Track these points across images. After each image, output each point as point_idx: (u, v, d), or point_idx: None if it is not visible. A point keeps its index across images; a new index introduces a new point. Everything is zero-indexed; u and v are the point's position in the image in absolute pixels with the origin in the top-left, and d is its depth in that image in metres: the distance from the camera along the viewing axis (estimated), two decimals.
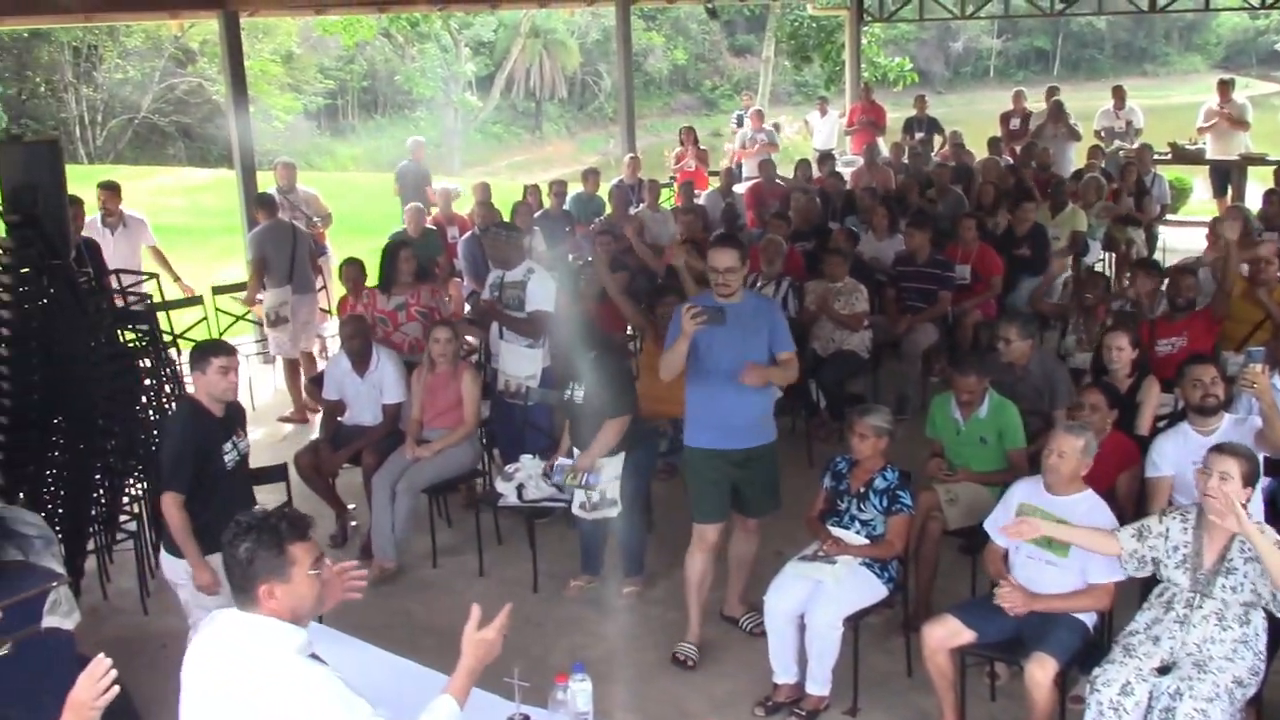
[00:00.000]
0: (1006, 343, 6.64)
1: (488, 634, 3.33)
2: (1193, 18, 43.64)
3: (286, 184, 10.83)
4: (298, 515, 3.20)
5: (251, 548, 3.05)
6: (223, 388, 5.10)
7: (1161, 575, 4.58)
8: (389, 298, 8.03)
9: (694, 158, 14.57)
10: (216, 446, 5.10)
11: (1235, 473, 4.36)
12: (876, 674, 5.49)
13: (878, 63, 21.10)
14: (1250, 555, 4.35)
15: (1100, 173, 12.02)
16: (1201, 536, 4.49)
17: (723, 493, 5.66)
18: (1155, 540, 4.58)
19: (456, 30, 33.86)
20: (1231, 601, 4.38)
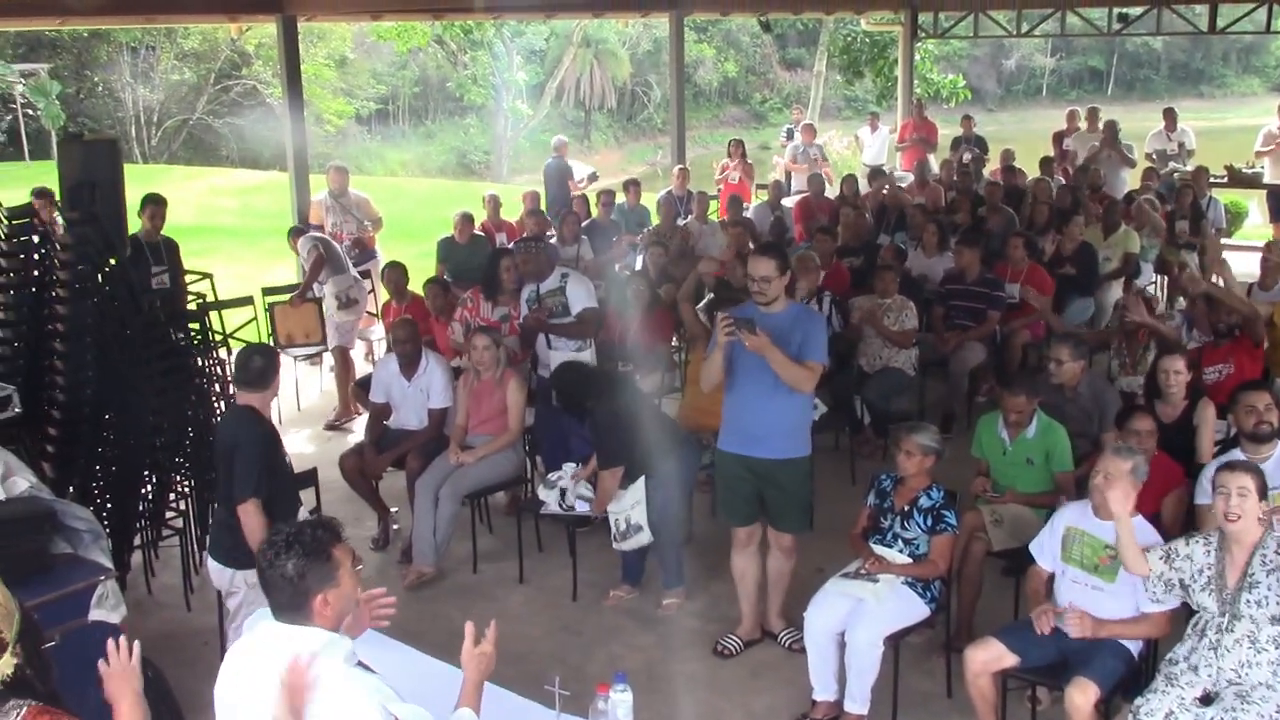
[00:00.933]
0: (1058, 364, 6.58)
1: (485, 648, 3.36)
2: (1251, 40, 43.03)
3: (339, 188, 10.94)
4: (328, 519, 3.25)
5: (301, 563, 3.05)
6: (275, 394, 5.28)
7: (1191, 601, 4.54)
8: (494, 306, 7.94)
9: (740, 170, 14.56)
10: (280, 451, 5.19)
11: (1252, 487, 4.36)
12: (916, 694, 5.45)
13: (930, 79, 21.01)
14: (1271, 567, 4.32)
15: (1155, 195, 11.90)
16: (1224, 558, 4.44)
17: (746, 498, 5.68)
18: (1182, 563, 4.53)
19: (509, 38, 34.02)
20: (1260, 619, 4.32)
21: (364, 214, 10.98)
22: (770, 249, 5.68)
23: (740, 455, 5.60)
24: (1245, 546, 4.40)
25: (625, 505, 6.18)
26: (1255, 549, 4.38)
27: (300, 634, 3.06)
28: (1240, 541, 4.41)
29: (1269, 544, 4.38)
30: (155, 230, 9.37)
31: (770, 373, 5.32)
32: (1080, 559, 4.88)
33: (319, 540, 3.09)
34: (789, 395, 5.41)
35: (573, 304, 7.46)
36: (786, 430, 5.53)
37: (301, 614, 3.06)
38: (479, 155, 36.04)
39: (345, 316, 9.60)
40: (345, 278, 9.67)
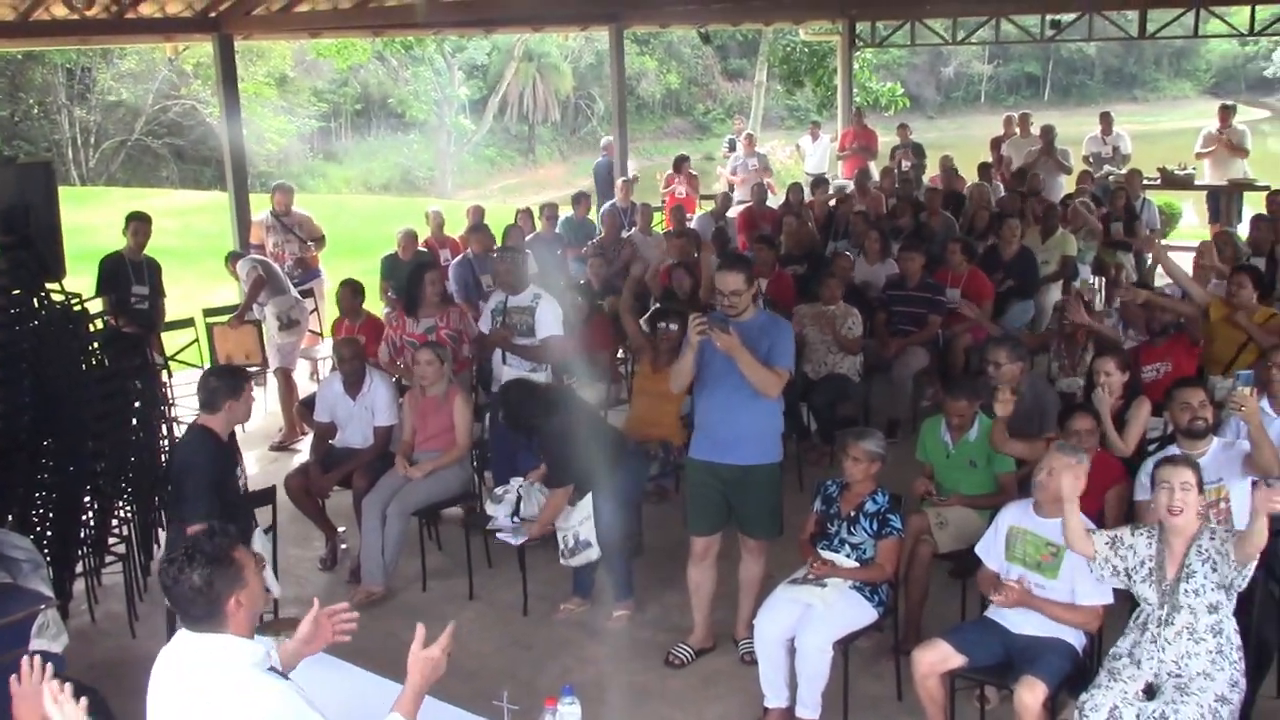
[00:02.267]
0: (996, 367, 6.63)
1: (432, 652, 3.36)
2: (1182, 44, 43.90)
3: (283, 208, 10.84)
4: (218, 525, 3.32)
5: (207, 571, 3.09)
6: (246, 411, 5.37)
7: (1133, 591, 4.61)
8: (418, 321, 7.95)
9: (685, 185, 14.61)
10: (231, 472, 5.23)
11: (1193, 481, 4.47)
12: (866, 698, 5.49)
13: (869, 87, 21.20)
14: (1206, 556, 4.41)
15: (1090, 198, 12.09)
16: (1164, 551, 4.53)
17: (713, 506, 5.69)
18: (1125, 551, 4.62)
19: (450, 54, 33.97)
20: (1199, 609, 4.41)
21: (306, 233, 10.92)
22: (737, 262, 5.70)
23: (709, 462, 5.62)
24: (1184, 538, 4.49)
25: (573, 522, 6.17)
26: (1193, 541, 4.47)
27: (215, 642, 3.11)
28: (1180, 534, 4.49)
29: (1204, 535, 4.47)
30: (139, 248, 9.29)
31: (740, 378, 5.35)
32: (1023, 557, 4.95)
33: (219, 546, 3.14)
34: (758, 401, 5.44)
35: (540, 327, 7.41)
36: (756, 436, 5.56)
37: (216, 620, 3.11)
38: (423, 171, 35.90)
39: (286, 338, 9.52)
40: (286, 299, 9.61)
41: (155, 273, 9.41)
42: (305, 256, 10.82)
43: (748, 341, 5.34)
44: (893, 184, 13.71)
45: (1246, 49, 46.99)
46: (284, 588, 6.78)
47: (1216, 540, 4.43)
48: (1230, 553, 4.33)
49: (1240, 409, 5.26)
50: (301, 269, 10.68)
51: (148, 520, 6.58)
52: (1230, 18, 17.05)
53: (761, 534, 5.73)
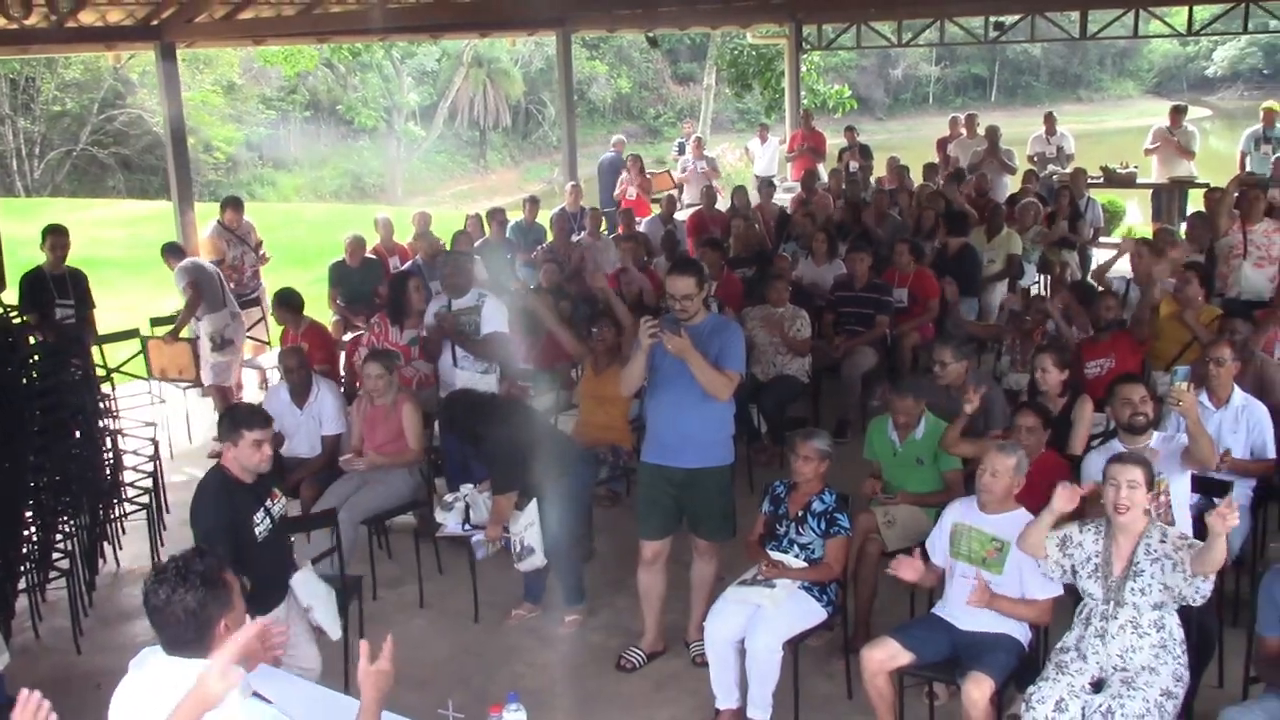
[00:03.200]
0: (942, 365, 6.72)
1: (382, 665, 3.33)
2: (1125, 45, 44.50)
3: (236, 219, 10.68)
4: (201, 548, 3.21)
5: (201, 593, 3.00)
6: (256, 461, 4.90)
7: (1078, 586, 4.66)
8: (402, 330, 7.82)
9: (636, 185, 14.63)
10: (247, 518, 4.90)
11: (1141, 479, 4.50)
12: (817, 696, 5.51)
13: (817, 90, 21.31)
14: (1155, 556, 4.46)
15: (1035, 197, 12.22)
16: (1111, 546, 4.58)
17: (663, 510, 5.69)
18: (1074, 549, 4.67)
19: (399, 60, 33.84)
20: (1143, 605, 4.47)
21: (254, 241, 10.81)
22: (688, 266, 5.69)
23: (660, 466, 5.63)
24: (1131, 536, 4.54)
25: (520, 527, 6.15)
26: (1140, 539, 4.52)
27: (194, 667, 2.98)
28: (1127, 531, 4.55)
29: (1153, 534, 4.52)
30: (59, 261, 9.10)
31: (691, 382, 5.35)
32: (968, 553, 4.99)
33: (210, 567, 3.06)
34: (709, 404, 5.43)
35: (485, 325, 7.41)
36: (706, 439, 5.56)
37: (203, 645, 3.01)
38: (374, 178, 35.71)
39: (220, 357, 9.41)
40: (221, 316, 9.45)
41: (80, 284, 9.22)
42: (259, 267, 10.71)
43: (698, 344, 5.34)
44: (840, 185, 13.79)
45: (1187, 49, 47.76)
46: None
47: (1168, 544, 4.47)
48: (1185, 563, 4.37)
49: (1178, 404, 5.34)
50: (258, 280, 10.58)
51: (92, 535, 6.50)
52: (1169, 18, 17.30)
53: (713, 536, 5.74)
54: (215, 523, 4.81)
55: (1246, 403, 6.13)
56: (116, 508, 7.46)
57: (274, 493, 5.13)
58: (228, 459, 4.93)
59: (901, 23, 18.06)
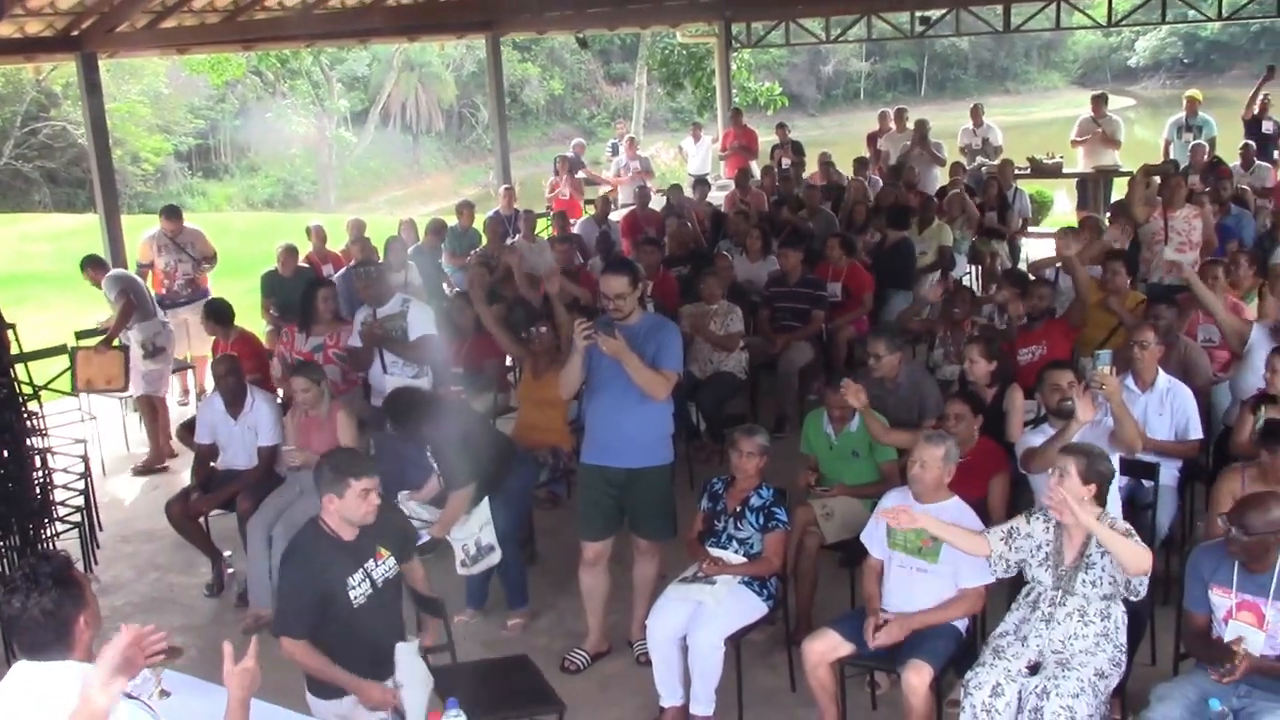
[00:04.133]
0: (876, 358, 6.79)
1: (246, 664, 3.35)
2: (1050, 37, 45.12)
3: (173, 229, 10.49)
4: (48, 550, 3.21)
5: (55, 594, 3.01)
6: (363, 513, 4.44)
7: (1027, 575, 4.73)
8: (307, 338, 7.84)
9: (569, 186, 14.62)
10: (340, 582, 4.43)
11: (1072, 470, 4.55)
12: (761, 690, 5.55)
13: (748, 88, 21.42)
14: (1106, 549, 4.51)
15: (964, 189, 12.38)
16: (1062, 535, 4.65)
17: (604, 511, 5.70)
18: (1022, 541, 4.72)
19: (328, 66, 33.53)
20: (1092, 596, 4.54)
21: (199, 251, 10.59)
22: (621, 266, 5.71)
23: (601, 466, 5.64)
24: (1081, 527, 4.57)
25: (472, 528, 6.13)
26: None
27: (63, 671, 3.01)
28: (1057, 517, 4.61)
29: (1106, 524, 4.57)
30: None
31: (629, 382, 5.36)
32: (904, 544, 5.04)
33: (58, 566, 3.07)
34: (647, 404, 5.46)
35: (412, 330, 7.39)
36: (646, 439, 5.58)
37: (64, 645, 3.03)
38: (306, 186, 35.37)
39: (152, 365, 9.27)
40: (152, 324, 9.34)
41: None
42: (196, 277, 10.53)
43: (634, 344, 5.36)
44: (773, 182, 13.88)
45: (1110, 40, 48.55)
46: (170, 615, 6.66)
47: None
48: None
49: (1101, 387, 5.44)
50: (191, 289, 10.41)
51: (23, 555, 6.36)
52: (1090, 10, 17.59)
53: (654, 535, 5.76)
54: (302, 586, 4.38)
55: (1171, 385, 6.25)
56: (48, 527, 7.32)
57: (378, 552, 4.57)
58: (328, 512, 4.47)
59: (829, 19, 18.21)
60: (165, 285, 10.35)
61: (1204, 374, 6.95)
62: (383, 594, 4.55)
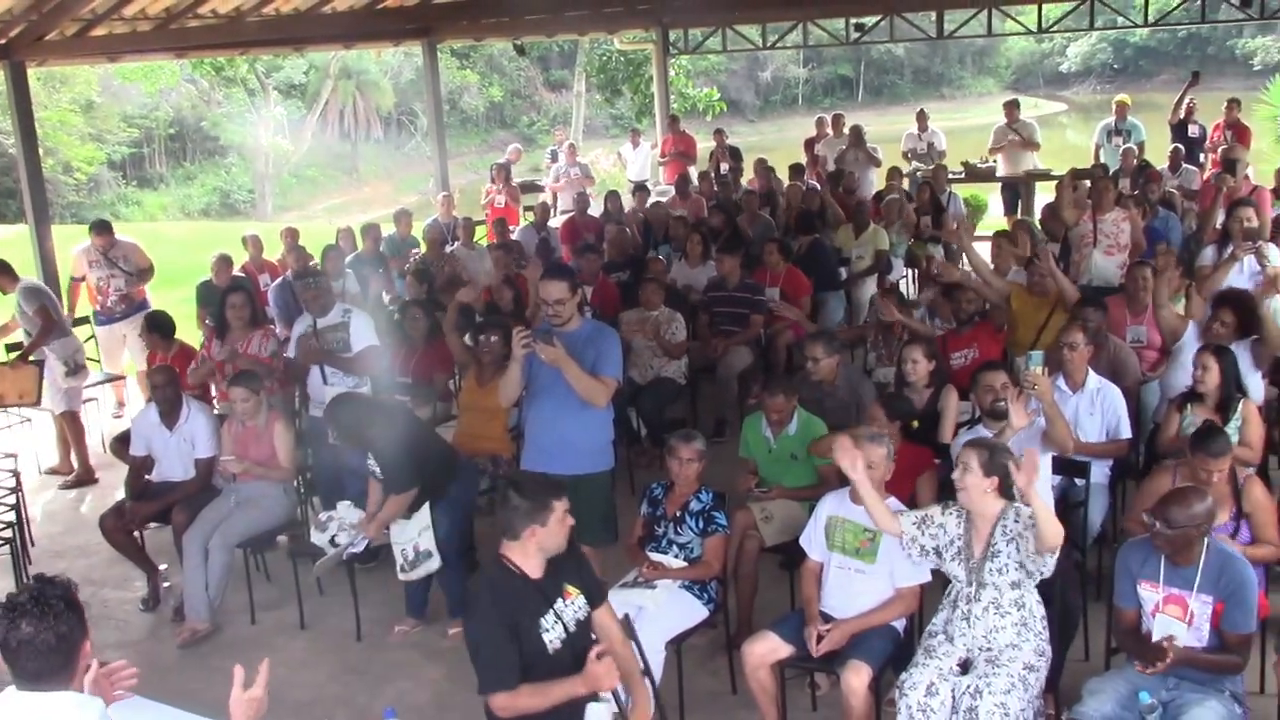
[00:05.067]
0: (814, 361, 6.86)
1: (255, 692, 3.31)
2: (983, 43, 45.80)
3: (104, 244, 10.29)
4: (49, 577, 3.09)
5: (69, 620, 2.93)
6: (560, 538, 4.12)
7: (944, 570, 4.80)
8: (221, 345, 7.84)
9: (505, 194, 14.60)
10: (532, 625, 4.03)
11: (974, 463, 4.64)
12: (702, 694, 5.57)
13: (687, 94, 21.52)
14: (1011, 536, 4.61)
15: (901, 193, 12.52)
16: (971, 529, 4.74)
17: None
18: (935, 530, 4.80)
19: (264, 74, 33.19)
20: (1003, 585, 4.62)
21: (133, 264, 10.39)
22: (559, 272, 5.74)
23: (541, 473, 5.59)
24: (988, 519, 4.68)
25: (411, 533, 6.10)
26: (998, 521, 4.67)
27: (61, 701, 2.93)
28: (981, 514, 4.69)
29: (1009, 515, 4.67)
30: None
31: (569, 389, 5.38)
32: (842, 544, 5.10)
33: (66, 589, 2.99)
34: (587, 411, 5.48)
35: (355, 341, 7.35)
36: (585, 446, 5.60)
37: (68, 673, 2.95)
38: (243, 195, 34.97)
39: (73, 382, 9.12)
40: (70, 341, 9.19)
41: None
42: (131, 291, 10.33)
43: (573, 351, 5.37)
44: (712, 188, 13.95)
45: (1042, 46, 49.38)
46: (105, 631, 6.57)
47: (1020, 524, 4.62)
48: (1031, 539, 4.53)
49: (1033, 387, 5.53)
50: (126, 304, 10.21)
51: None
52: (1021, 17, 17.85)
53: (594, 542, 5.72)
54: (494, 634, 3.98)
55: (1101, 386, 6.37)
56: None
57: (566, 590, 4.17)
58: (522, 547, 4.07)
59: (766, 26, 18.33)
60: (99, 301, 10.16)
61: (1133, 374, 7.08)
62: (576, 639, 4.12)
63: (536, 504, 4.03)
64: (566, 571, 4.20)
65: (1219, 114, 14.12)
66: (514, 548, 4.07)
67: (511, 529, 4.05)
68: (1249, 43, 44.38)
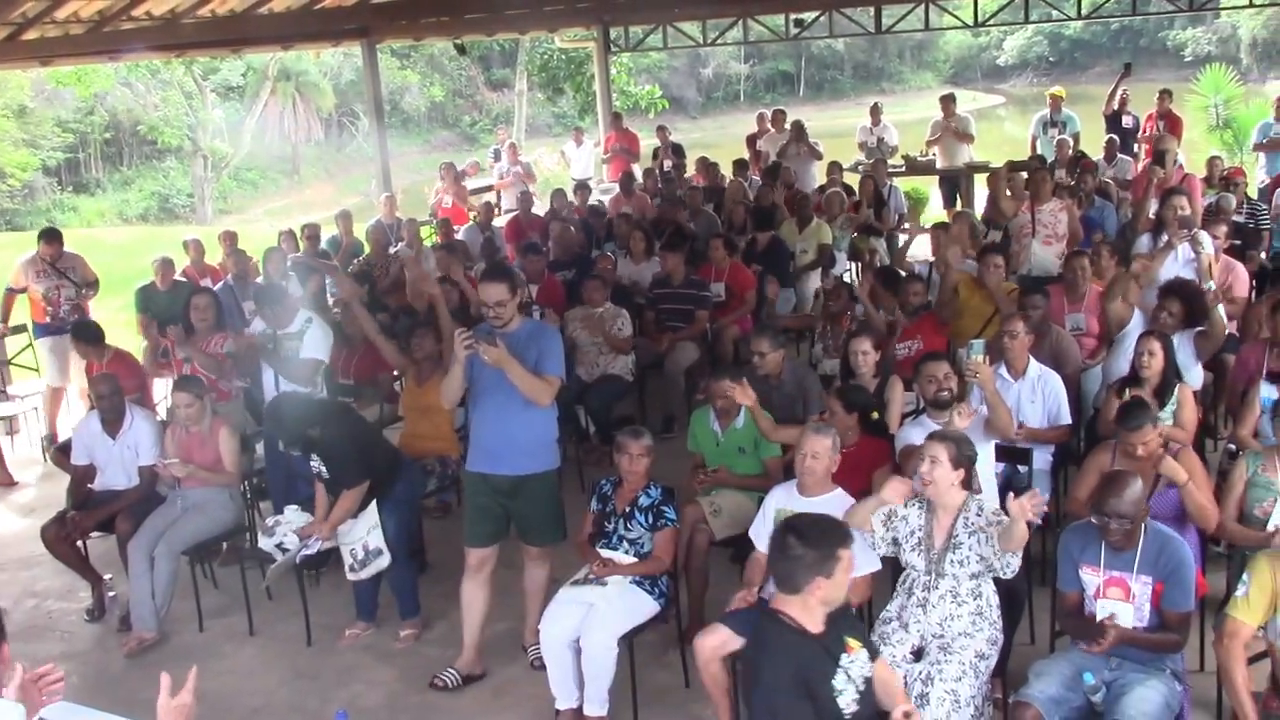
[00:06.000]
0: (760, 356, 6.89)
1: (183, 699, 3.28)
2: (922, 38, 46.18)
3: (52, 254, 10.09)
4: None
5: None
6: (844, 589, 3.77)
7: (903, 560, 4.86)
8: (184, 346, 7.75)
9: (452, 194, 14.54)
10: (825, 688, 3.69)
11: (943, 456, 4.70)
12: (655, 688, 5.59)
13: (629, 91, 21.53)
14: (973, 529, 4.68)
15: (842, 187, 12.61)
16: (932, 520, 4.79)
17: (492, 518, 5.67)
18: (898, 524, 4.86)
19: (201, 76, 32.76)
20: (962, 576, 4.69)
21: (81, 276, 10.21)
22: (499, 273, 5.67)
23: (484, 474, 5.60)
24: (950, 510, 4.74)
25: (360, 532, 6.06)
26: (959, 513, 4.73)
27: None
28: (945, 506, 4.75)
29: (971, 508, 4.73)
30: None
31: (511, 388, 5.33)
32: None
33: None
34: (531, 410, 5.43)
35: (304, 349, 7.30)
36: (530, 445, 5.55)
37: None
38: (182, 199, 34.50)
39: None
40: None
41: None
42: (80, 302, 10.14)
43: (515, 351, 5.34)
44: (655, 184, 13.98)
45: (980, 40, 49.94)
46: (50, 643, 6.49)
47: (982, 518, 4.69)
48: (994, 538, 4.60)
49: (975, 376, 5.61)
50: (78, 314, 10.02)
51: None
52: (958, 11, 18.04)
53: (542, 541, 5.75)
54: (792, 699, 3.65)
55: (1042, 373, 6.48)
56: None
57: (848, 644, 3.79)
58: (803, 603, 3.71)
59: (706, 22, 18.39)
60: (49, 312, 9.93)
61: (1074, 361, 7.20)
62: (867, 698, 3.79)
63: (823, 553, 3.66)
64: (843, 624, 3.84)
65: (1152, 105, 14.35)
66: (793, 602, 3.70)
67: (791, 581, 3.69)
68: (1180, 34, 45.20)
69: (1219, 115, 17.44)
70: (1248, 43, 42.83)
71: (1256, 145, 13.67)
